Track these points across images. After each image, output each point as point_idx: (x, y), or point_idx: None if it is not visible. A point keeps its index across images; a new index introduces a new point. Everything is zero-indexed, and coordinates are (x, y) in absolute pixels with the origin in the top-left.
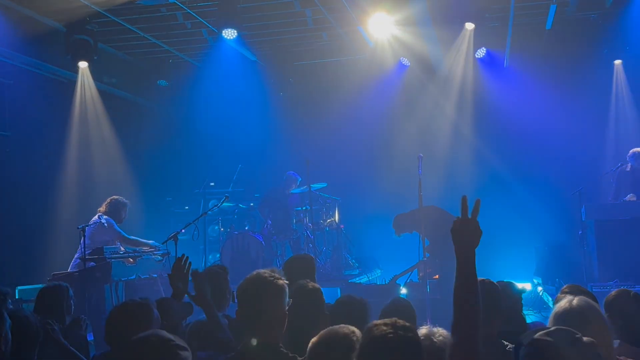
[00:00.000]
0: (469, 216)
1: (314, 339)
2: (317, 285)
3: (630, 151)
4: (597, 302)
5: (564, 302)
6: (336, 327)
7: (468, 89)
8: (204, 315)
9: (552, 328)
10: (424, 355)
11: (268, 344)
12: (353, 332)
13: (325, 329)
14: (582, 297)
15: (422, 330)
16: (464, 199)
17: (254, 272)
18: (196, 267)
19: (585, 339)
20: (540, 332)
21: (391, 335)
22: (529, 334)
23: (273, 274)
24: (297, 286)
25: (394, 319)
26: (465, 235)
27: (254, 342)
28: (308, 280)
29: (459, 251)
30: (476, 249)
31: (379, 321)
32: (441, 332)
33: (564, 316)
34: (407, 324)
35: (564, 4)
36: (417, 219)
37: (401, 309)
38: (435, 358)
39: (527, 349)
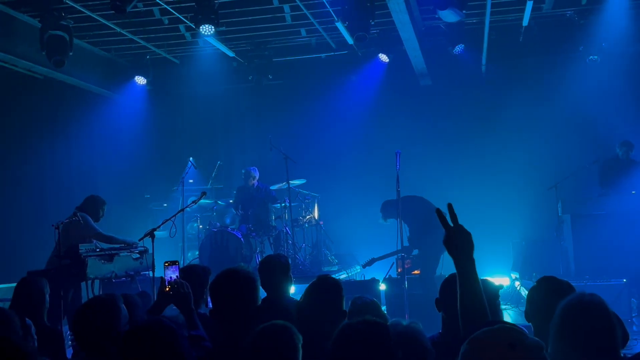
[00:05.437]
0: (452, 224)
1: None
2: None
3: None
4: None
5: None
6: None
7: (446, 84)
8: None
9: (496, 327)
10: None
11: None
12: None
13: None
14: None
15: None
16: (450, 206)
17: (223, 270)
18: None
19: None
20: (482, 330)
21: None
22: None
23: (242, 268)
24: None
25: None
26: (460, 243)
27: None
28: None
29: (458, 262)
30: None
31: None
32: None
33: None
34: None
35: (540, 1)
36: (402, 207)
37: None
38: None
39: (464, 347)
